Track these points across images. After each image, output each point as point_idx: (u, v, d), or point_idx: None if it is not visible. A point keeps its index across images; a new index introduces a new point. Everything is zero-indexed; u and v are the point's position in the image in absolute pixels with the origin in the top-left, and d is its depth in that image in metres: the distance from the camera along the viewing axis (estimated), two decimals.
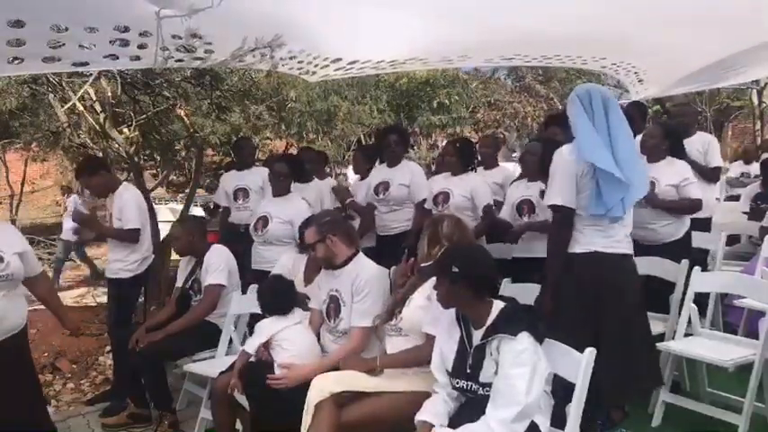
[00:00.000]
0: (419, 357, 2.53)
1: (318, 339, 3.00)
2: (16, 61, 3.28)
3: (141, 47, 3.40)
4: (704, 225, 4.47)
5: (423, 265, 2.56)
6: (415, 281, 2.68)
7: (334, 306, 2.92)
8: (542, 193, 3.41)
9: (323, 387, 2.48)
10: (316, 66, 4.65)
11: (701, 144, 4.74)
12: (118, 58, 3.56)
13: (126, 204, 3.92)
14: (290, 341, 2.89)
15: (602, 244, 2.79)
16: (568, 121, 2.91)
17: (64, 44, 3.18)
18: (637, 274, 3.00)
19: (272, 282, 3.21)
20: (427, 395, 2.38)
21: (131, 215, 3.92)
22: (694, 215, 3.92)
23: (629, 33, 4.29)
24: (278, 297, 3.04)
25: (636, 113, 4.66)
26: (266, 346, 2.91)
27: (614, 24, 4.03)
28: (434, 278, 2.37)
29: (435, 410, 2.30)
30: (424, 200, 4.39)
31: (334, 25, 3.81)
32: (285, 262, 3.69)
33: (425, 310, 2.56)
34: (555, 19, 3.83)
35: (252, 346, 2.92)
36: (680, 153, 4.05)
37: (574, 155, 2.79)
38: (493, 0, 3.55)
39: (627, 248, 2.90)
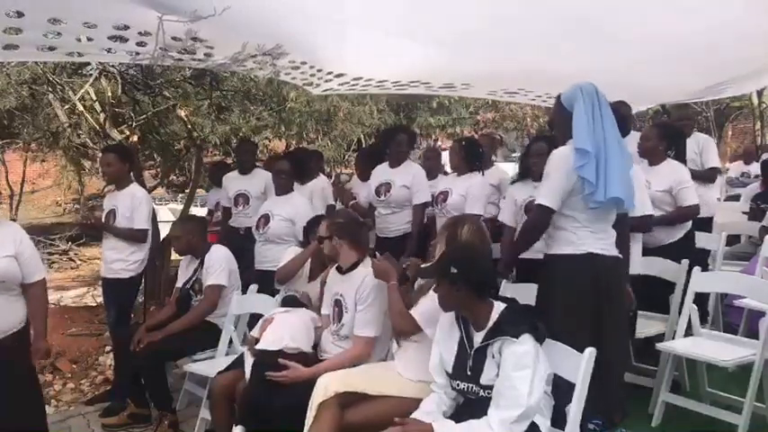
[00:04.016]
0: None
1: (320, 340, 3.02)
2: (11, 48, 3.30)
3: (140, 44, 3.41)
4: (705, 225, 4.47)
5: (423, 266, 2.53)
6: None
7: (337, 310, 2.93)
8: None
9: (328, 386, 2.48)
10: (319, 78, 4.68)
11: (696, 145, 4.72)
12: (115, 51, 3.58)
13: (139, 205, 3.98)
14: (275, 321, 3.00)
15: (596, 246, 2.75)
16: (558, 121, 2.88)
17: (60, 35, 3.21)
18: (627, 278, 2.98)
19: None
20: None
21: (143, 216, 3.98)
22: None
23: (631, 71, 4.28)
24: (285, 301, 3.33)
25: (625, 112, 4.62)
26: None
27: (616, 63, 4.03)
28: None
29: (427, 408, 2.31)
30: (425, 203, 4.37)
31: (338, 43, 3.83)
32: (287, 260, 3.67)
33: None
34: (557, 57, 3.84)
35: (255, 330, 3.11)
36: (681, 153, 4.04)
37: (571, 154, 2.70)
38: (496, 36, 3.58)
39: (618, 252, 2.88)
